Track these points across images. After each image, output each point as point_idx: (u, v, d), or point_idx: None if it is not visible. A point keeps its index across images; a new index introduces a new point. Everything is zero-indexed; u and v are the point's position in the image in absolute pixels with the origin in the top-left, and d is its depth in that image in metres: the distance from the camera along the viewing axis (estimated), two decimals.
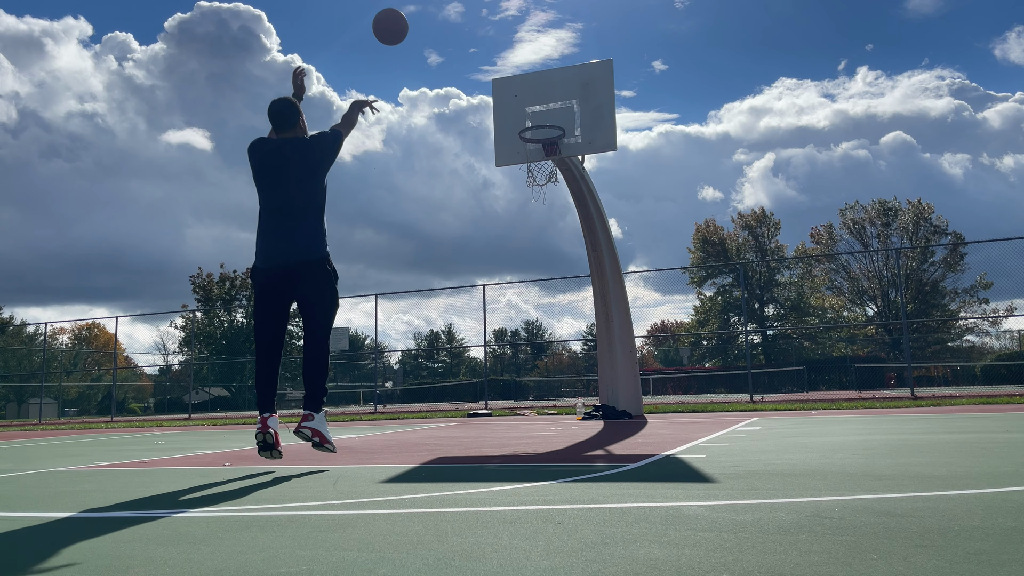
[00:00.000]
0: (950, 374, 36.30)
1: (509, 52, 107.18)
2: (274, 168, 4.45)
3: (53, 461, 5.75)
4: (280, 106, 4.56)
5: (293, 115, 4.57)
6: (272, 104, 4.57)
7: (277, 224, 4.38)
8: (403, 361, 56.59)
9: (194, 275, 50.49)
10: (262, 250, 4.40)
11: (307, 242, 4.35)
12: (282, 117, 4.54)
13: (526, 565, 1.81)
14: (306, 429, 4.19)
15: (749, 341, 41.33)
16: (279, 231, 4.36)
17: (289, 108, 4.57)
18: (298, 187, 4.40)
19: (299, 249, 4.33)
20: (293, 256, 4.32)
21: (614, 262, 10.22)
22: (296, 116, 4.58)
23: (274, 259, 4.34)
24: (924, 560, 1.73)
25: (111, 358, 33.00)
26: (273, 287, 4.37)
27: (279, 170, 4.44)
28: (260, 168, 4.49)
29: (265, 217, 4.45)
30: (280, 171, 4.44)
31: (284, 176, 4.43)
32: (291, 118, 4.56)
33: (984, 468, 3.37)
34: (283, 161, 4.45)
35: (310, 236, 4.36)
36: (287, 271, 4.32)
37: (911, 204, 48.24)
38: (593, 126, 8.75)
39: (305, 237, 4.35)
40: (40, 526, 2.63)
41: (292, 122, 4.57)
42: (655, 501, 2.71)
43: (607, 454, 4.82)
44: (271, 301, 4.38)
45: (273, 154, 4.48)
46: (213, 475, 4.20)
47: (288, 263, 4.31)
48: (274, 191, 4.43)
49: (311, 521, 2.52)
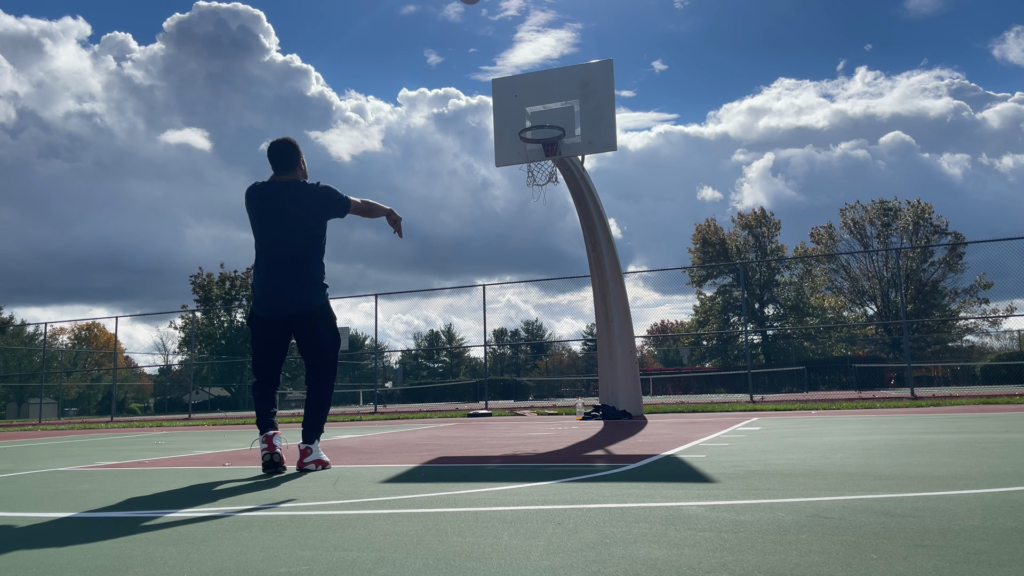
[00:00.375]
0: (950, 374, 36.30)
1: (509, 52, 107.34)
2: (272, 212, 4.38)
3: (53, 461, 5.75)
4: (280, 145, 4.48)
5: (293, 155, 4.47)
6: (272, 144, 4.49)
7: (275, 272, 4.33)
8: (403, 361, 56.60)
9: (194, 275, 50.54)
10: (261, 299, 4.36)
11: (307, 292, 4.33)
12: (282, 156, 4.45)
13: (526, 565, 1.81)
14: (311, 464, 4.28)
15: (749, 341, 41.33)
16: (278, 280, 4.32)
17: (289, 148, 4.48)
18: (297, 232, 4.35)
19: (299, 300, 4.32)
20: (293, 308, 4.32)
21: (614, 262, 10.22)
22: (296, 156, 4.49)
23: (274, 310, 4.33)
24: (924, 560, 1.73)
25: (111, 358, 33.00)
26: (272, 333, 4.39)
27: (277, 215, 4.37)
28: (258, 212, 4.41)
29: (263, 263, 4.38)
30: (278, 216, 4.37)
31: (282, 221, 4.36)
32: (291, 158, 4.47)
33: (984, 468, 3.37)
34: (282, 205, 4.37)
35: (309, 285, 4.34)
36: (288, 320, 4.34)
37: (910, 205, 48.25)
38: (593, 126, 8.75)
39: (305, 286, 4.33)
40: (40, 526, 2.63)
41: (292, 163, 4.47)
42: (655, 501, 2.71)
43: (607, 454, 4.82)
44: (270, 346, 4.41)
45: (272, 198, 4.41)
46: (213, 475, 4.20)
47: (288, 314, 4.32)
48: (272, 236, 4.36)
49: (311, 521, 2.52)
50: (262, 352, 4.41)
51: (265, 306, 4.35)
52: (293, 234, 4.35)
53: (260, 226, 4.41)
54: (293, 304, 4.32)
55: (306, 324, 4.36)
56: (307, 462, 4.27)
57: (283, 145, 4.48)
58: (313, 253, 4.39)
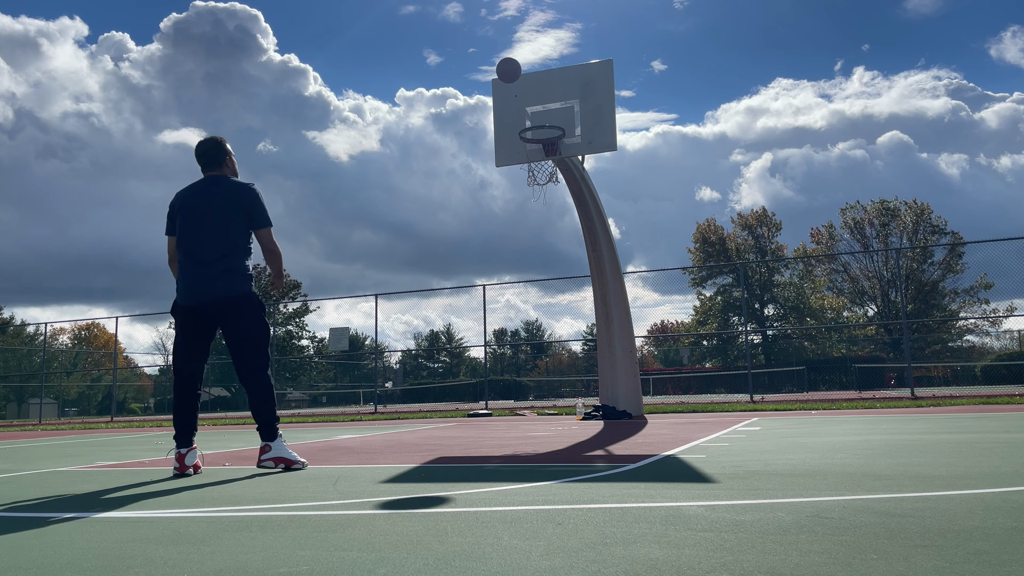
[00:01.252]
0: (950, 374, 36.29)
1: (508, 52, 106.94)
2: (192, 205, 4.40)
3: (53, 461, 5.75)
4: (204, 144, 4.52)
5: (218, 153, 4.50)
6: (198, 143, 4.55)
7: (195, 261, 4.32)
8: (403, 361, 56.61)
9: None
10: (182, 288, 4.36)
11: (227, 279, 4.29)
12: (205, 155, 4.50)
13: (526, 565, 1.80)
14: (268, 462, 4.23)
15: (749, 341, 41.30)
16: (198, 268, 4.30)
17: (213, 146, 4.51)
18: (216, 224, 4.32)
19: (220, 287, 4.28)
20: (215, 295, 4.28)
21: (614, 262, 10.22)
22: (222, 155, 4.51)
23: (195, 297, 4.30)
24: (924, 560, 1.73)
25: (111, 358, 32.99)
26: (194, 323, 4.35)
27: (196, 206, 4.39)
28: (181, 206, 4.43)
29: (183, 255, 4.38)
30: (197, 207, 4.38)
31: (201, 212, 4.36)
32: (215, 156, 4.49)
33: (984, 468, 3.37)
34: (201, 198, 4.39)
35: (229, 273, 4.30)
36: (211, 308, 4.30)
37: (908, 205, 48.22)
38: (593, 126, 8.75)
39: (224, 273, 4.29)
40: (40, 526, 2.63)
41: (217, 161, 4.50)
42: (655, 501, 2.71)
43: (607, 454, 4.82)
44: (192, 338, 4.36)
45: (193, 193, 4.44)
46: (213, 475, 4.20)
47: (209, 300, 4.28)
48: (191, 228, 4.36)
49: (311, 521, 2.52)
50: (184, 344, 4.35)
51: (186, 294, 4.32)
52: (215, 228, 4.32)
53: (181, 219, 4.40)
54: (214, 291, 4.26)
55: (230, 313, 4.29)
56: (264, 459, 4.23)
57: (207, 144, 4.53)
58: (234, 247, 4.33)
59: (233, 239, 4.34)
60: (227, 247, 4.32)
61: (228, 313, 4.30)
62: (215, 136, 4.59)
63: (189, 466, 4.20)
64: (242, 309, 4.31)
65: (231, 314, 4.30)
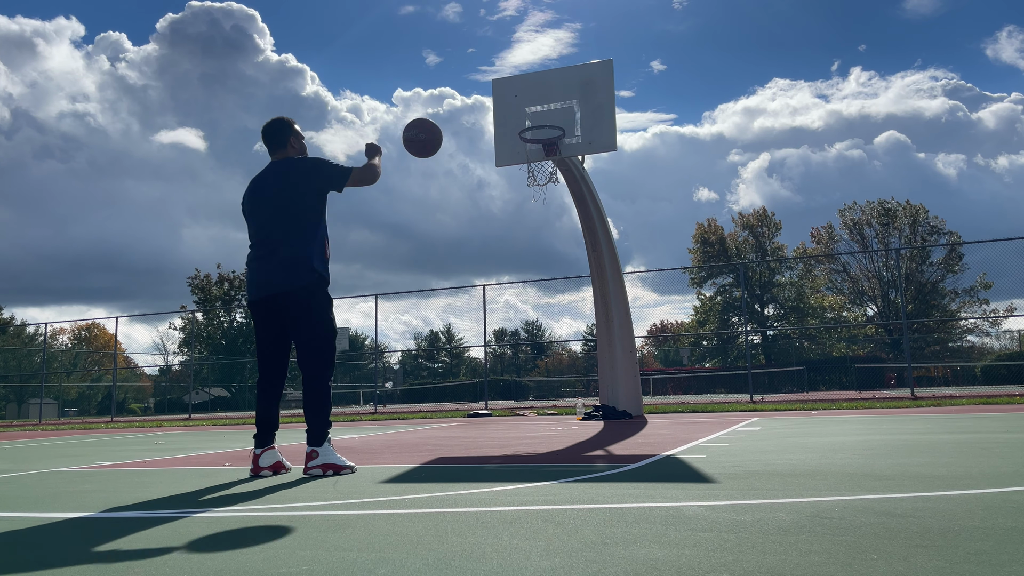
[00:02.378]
0: (950, 374, 36.29)
1: (507, 52, 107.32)
2: (258, 192, 4.23)
3: (53, 461, 5.75)
4: (269, 125, 4.36)
5: (282, 132, 4.32)
6: (264, 125, 4.37)
7: (258, 252, 4.15)
8: (403, 361, 56.61)
9: (191, 276, 50.61)
10: (247, 281, 4.22)
11: (287, 271, 4.05)
12: (268, 135, 4.33)
13: (526, 565, 1.80)
14: (316, 468, 3.98)
15: (749, 341, 41.29)
16: (260, 260, 4.13)
17: (277, 126, 4.33)
18: (279, 211, 4.12)
19: (279, 280, 4.05)
20: (273, 288, 4.07)
21: (614, 262, 10.22)
22: (286, 133, 4.32)
23: (261, 290, 4.11)
24: (924, 560, 1.73)
25: (111, 358, 32.98)
26: (262, 318, 4.16)
27: (262, 193, 4.21)
28: (248, 195, 4.29)
29: (251, 245, 4.23)
30: (263, 194, 4.20)
31: (266, 199, 4.18)
32: (279, 136, 4.31)
33: (984, 468, 3.37)
34: (267, 183, 4.21)
35: (291, 264, 4.05)
36: (276, 301, 4.08)
37: (904, 207, 48.22)
38: (593, 126, 8.75)
39: (284, 266, 4.05)
40: (40, 526, 2.63)
41: (282, 141, 4.31)
42: (655, 501, 2.71)
43: (607, 454, 4.82)
44: (264, 332, 4.17)
45: (260, 179, 4.28)
46: (213, 475, 4.20)
47: (268, 294, 4.08)
48: (256, 217, 4.20)
49: (311, 521, 2.52)
50: (259, 340, 4.20)
51: (251, 288, 4.17)
52: (275, 213, 4.13)
53: (248, 208, 4.27)
54: (272, 284, 4.05)
55: (293, 307, 4.07)
56: (311, 466, 3.99)
57: (271, 124, 4.36)
58: (298, 232, 4.09)
59: (300, 225, 4.10)
60: (292, 235, 4.08)
61: (292, 307, 4.07)
62: (279, 116, 4.39)
63: (264, 467, 4.04)
64: (306, 303, 4.07)
65: (295, 308, 4.07)
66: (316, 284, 4.12)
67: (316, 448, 4.02)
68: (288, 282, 4.05)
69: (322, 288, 4.17)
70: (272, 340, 4.18)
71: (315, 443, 4.03)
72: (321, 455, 4.00)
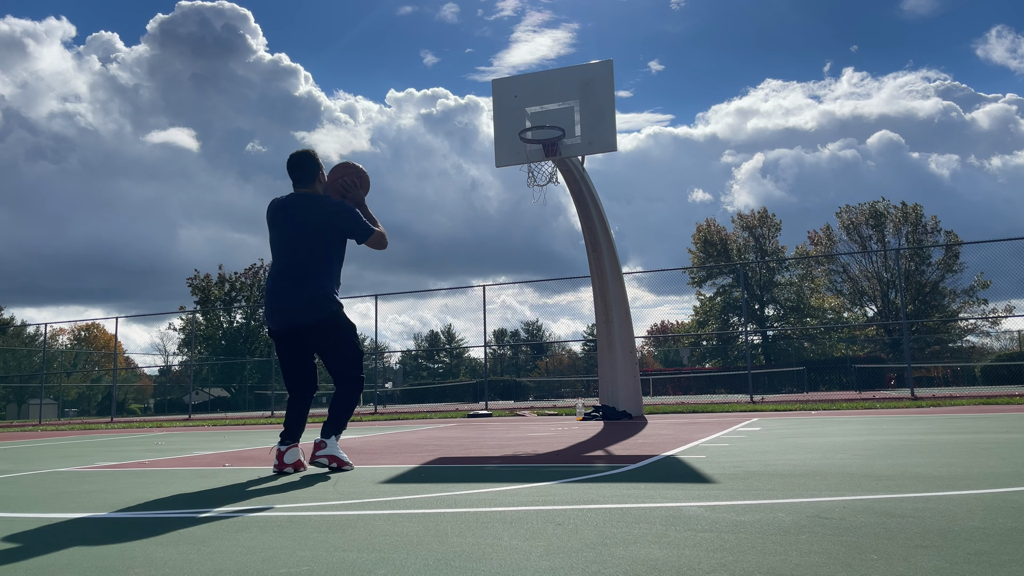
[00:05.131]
0: (950, 374, 36.28)
1: (505, 52, 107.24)
2: (282, 225, 4.32)
3: (53, 462, 5.75)
4: (297, 157, 4.39)
5: (311, 168, 4.37)
6: (291, 156, 4.40)
7: (279, 284, 4.25)
8: (403, 362, 56.60)
9: (191, 277, 50.63)
10: (267, 312, 4.33)
11: (310, 304, 4.19)
12: (298, 169, 4.38)
13: (526, 566, 1.81)
14: (321, 458, 4.18)
15: (749, 342, 41.31)
16: (281, 292, 4.24)
17: (306, 160, 4.38)
18: (303, 246, 4.25)
19: (302, 313, 4.20)
20: (298, 320, 4.21)
21: (614, 262, 10.22)
22: (314, 170, 4.38)
23: (278, 323, 4.26)
24: (924, 561, 1.73)
25: (111, 359, 32.98)
26: (286, 346, 4.32)
27: (286, 227, 4.31)
28: (272, 224, 4.37)
29: (271, 275, 4.34)
30: (286, 228, 4.30)
31: (290, 233, 4.28)
32: (309, 171, 4.37)
33: (984, 468, 3.37)
34: (296, 217, 4.30)
35: (312, 298, 4.19)
36: (299, 332, 4.25)
37: (899, 209, 48.25)
38: (593, 126, 8.75)
39: (306, 299, 4.19)
40: (40, 526, 2.63)
41: (310, 177, 4.37)
42: (655, 501, 2.71)
43: (607, 454, 4.82)
44: (288, 358, 4.34)
45: (284, 210, 4.35)
46: (213, 476, 4.20)
47: (292, 326, 4.23)
48: (280, 249, 4.31)
49: (311, 521, 2.52)
50: (283, 364, 4.37)
51: (273, 318, 4.31)
52: (298, 248, 4.25)
53: (272, 238, 4.37)
54: (296, 316, 4.21)
55: (317, 338, 4.27)
56: (318, 455, 4.17)
57: (302, 158, 4.40)
58: (320, 267, 4.24)
59: (328, 262, 4.27)
60: (320, 270, 4.24)
61: (317, 337, 4.27)
62: (307, 149, 4.45)
63: (288, 464, 4.19)
64: (328, 333, 4.26)
65: (320, 339, 4.27)
66: (338, 313, 4.30)
67: (325, 440, 4.23)
68: (311, 314, 4.22)
69: (343, 316, 4.34)
70: (298, 364, 4.39)
71: (326, 435, 4.24)
72: (329, 447, 4.22)
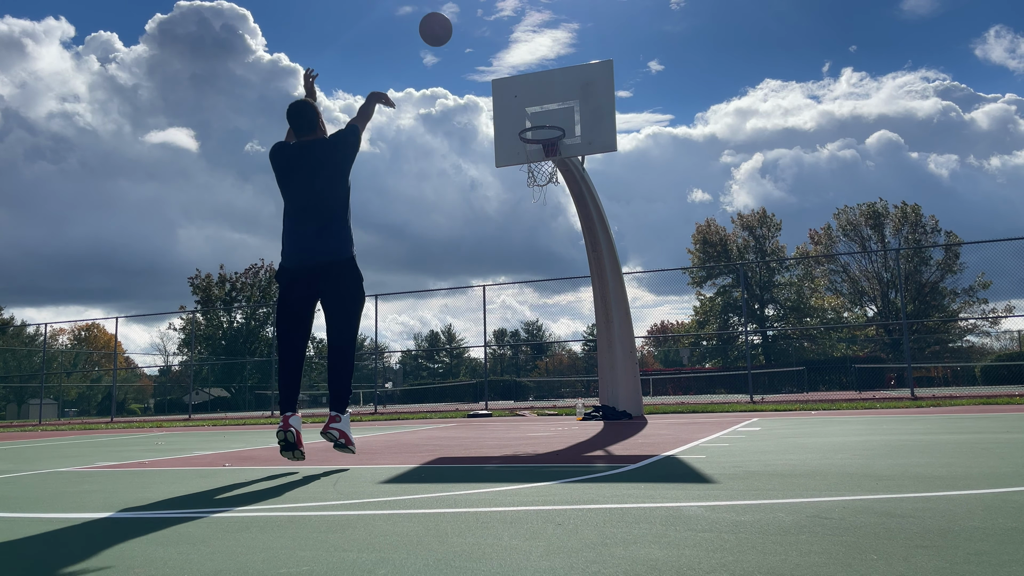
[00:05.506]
0: (950, 374, 36.27)
1: (505, 52, 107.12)
2: (301, 170, 4.43)
3: (53, 462, 5.75)
4: (300, 107, 4.52)
5: (314, 117, 4.54)
6: (291, 106, 4.52)
7: (304, 225, 4.35)
8: (403, 362, 56.61)
9: (192, 276, 50.67)
10: (289, 249, 4.37)
11: (336, 243, 4.32)
12: (303, 119, 4.51)
13: (526, 566, 1.81)
14: (333, 430, 4.21)
15: (749, 342, 41.29)
16: (307, 231, 4.33)
17: (310, 110, 4.53)
18: (326, 189, 4.38)
19: (328, 249, 4.30)
20: (321, 256, 4.29)
21: (614, 262, 10.22)
22: (317, 118, 4.55)
23: (302, 259, 4.31)
24: (924, 561, 1.73)
25: (111, 359, 32.98)
26: (300, 286, 4.34)
27: (307, 172, 4.41)
28: (286, 171, 4.45)
29: (291, 217, 4.41)
30: (308, 173, 4.41)
31: (312, 178, 4.40)
32: (313, 120, 4.53)
33: (984, 468, 3.37)
34: (310, 163, 4.42)
35: (338, 237, 4.34)
36: (314, 271, 4.30)
37: (898, 209, 48.25)
38: (593, 127, 8.75)
39: (334, 237, 4.32)
40: (40, 526, 2.63)
41: (313, 124, 4.52)
42: (655, 502, 2.71)
43: (607, 455, 4.82)
44: (297, 300, 4.35)
45: (299, 157, 4.45)
46: (213, 476, 4.20)
47: (316, 263, 4.29)
48: (302, 193, 4.40)
49: (311, 522, 2.52)
50: (289, 304, 4.34)
51: (293, 256, 4.34)
52: (319, 191, 4.37)
53: (287, 185, 4.46)
54: (320, 252, 4.28)
55: (333, 277, 4.31)
56: (332, 427, 4.20)
57: (303, 105, 4.53)
58: (339, 209, 4.38)
59: (343, 203, 4.41)
60: (339, 212, 4.37)
61: (329, 278, 4.30)
62: (305, 99, 4.63)
63: (293, 427, 4.15)
64: (344, 274, 4.33)
65: (332, 280, 4.30)
66: (352, 257, 4.43)
67: (339, 414, 4.27)
68: (336, 252, 4.33)
69: (355, 263, 4.45)
70: (303, 305, 4.40)
71: (338, 408, 4.30)
72: (343, 421, 4.27)
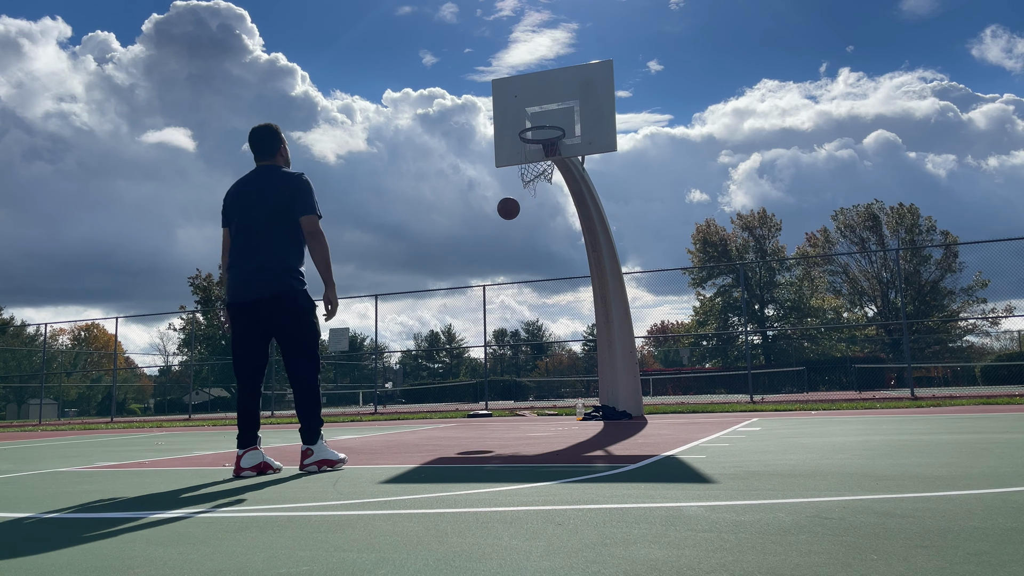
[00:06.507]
0: (950, 375, 36.28)
1: (504, 52, 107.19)
2: (243, 196, 4.28)
3: (53, 462, 5.75)
4: (259, 132, 4.39)
5: (273, 141, 4.39)
6: (252, 130, 4.40)
7: (242, 256, 4.21)
8: (403, 362, 56.61)
9: (192, 276, 50.68)
10: (230, 285, 4.25)
11: (274, 276, 4.15)
12: (259, 142, 4.38)
13: (526, 566, 1.81)
14: (311, 466, 4.20)
15: (749, 342, 41.29)
16: (244, 263, 4.19)
17: (270, 134, 4.39)
18: (263, 216, 4.19)
19: (266, 284, 4.13)
20: (261, 292, 4.14)
21: (614, 262, 10.22)
22: (276, 144, 4.40)
23: (241, 295, 4.18)
24: (924, 561, 1.73)
25: (111, 359, 32.98)
26: (243, 322, 4.21)
27: (246, 198, 4.26)
28: (232, 197, 4.32)
29: (232, 249, 4.27)
30: (247, 199, 4.25)
31: (250, 203, 4.23)
32: (270, 144, 4.38)
33: (984, 468, 3.37)
34: (252, 189, 4.27)
35: (277, 270, 4.16)
36: (256, 306, 4.16)
37: (895, 210, 48.24)
38: (593, 127, 8.75)
39: (270, 271, 4.15)
40: (40, 526, 2.63)
41: (272, 150, 4.38)
42: (655, 502, 2.71)
43: (607, 455, 4.82)
44: (242, 338, 4.23)
45: (244, 183, 4.34)
46: (213, 476, 4.20)
47: (255, 299, 4.15)
48: (240, 220, 4.25)
49: (311, 522, 2.52)
50: (242, 341, 4.23)
51: (233, 292, 4.22)
52: (259, 218, 4.20)
53: (233, 210, 4.29)
54: (261, 289, 4.12)
55: (277, 312, 4.16)
56: (307, 463, 4.21)
57: (263, 131, 4.40)
58: (281, 238, 4.19)
59: (291, 233, 4.22)
60: (283, 242, 4.19)
61: (275, 312, 4.16)
62: (269, 123, 4.45)
63: (245, 468, 4.06)
64: (289, 308, 4.17)
65: (278, 313, 4.16)
66: (300, 290, 4.26)
67: (311, 446, 4.25)
68: (275, 287, 4.16)
69: (307, 293, 4.31)
70: (256, 341, 4.26)
71: (310, 441, 4.26)
72: (316, 452, 4.25)
